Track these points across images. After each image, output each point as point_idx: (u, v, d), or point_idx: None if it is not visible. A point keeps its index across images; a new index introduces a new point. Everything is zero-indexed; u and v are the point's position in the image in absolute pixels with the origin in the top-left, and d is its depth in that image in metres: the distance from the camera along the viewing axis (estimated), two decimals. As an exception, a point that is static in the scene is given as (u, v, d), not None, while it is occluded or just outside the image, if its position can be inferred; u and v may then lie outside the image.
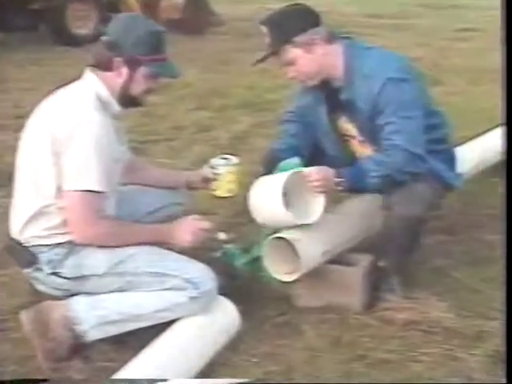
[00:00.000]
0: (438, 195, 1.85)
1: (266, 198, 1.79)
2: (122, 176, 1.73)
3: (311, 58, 1.72)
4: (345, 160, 1.89)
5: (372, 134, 1.81)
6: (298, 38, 1.70)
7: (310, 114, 1.91)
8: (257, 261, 1.86)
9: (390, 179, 1.76)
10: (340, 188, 1.74)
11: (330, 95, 1.82)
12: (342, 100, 1.79)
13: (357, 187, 1.78)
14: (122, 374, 1.47)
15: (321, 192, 1.74)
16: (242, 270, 1.89)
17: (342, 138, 1.94)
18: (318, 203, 1.78)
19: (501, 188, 1.66)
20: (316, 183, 1.72)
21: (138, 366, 1.51)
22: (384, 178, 1.75)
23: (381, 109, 1.72)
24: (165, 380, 1.45)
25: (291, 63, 1.74)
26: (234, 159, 1.88)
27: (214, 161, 1.88)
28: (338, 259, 1.90)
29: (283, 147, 1.91)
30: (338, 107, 1.84)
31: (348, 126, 1.89)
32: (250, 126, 3.59)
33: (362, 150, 1.91)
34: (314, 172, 1.72)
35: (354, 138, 1.92)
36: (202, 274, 1.62)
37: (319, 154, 1.94)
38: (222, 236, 1.78)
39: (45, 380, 1.47)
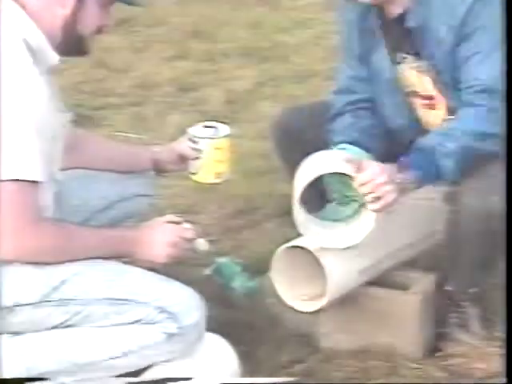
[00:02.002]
0: None
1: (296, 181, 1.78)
2: (62, 158, 1.70)
3: None
4: (415, 135, 1.89)
5: (450, 81, 1.84)
6: None
7: (365, 62, 1.96)
8: (263, 282, 1.87)
9: (468, 154, 1.76)
10: (406, 187, 1.76)
11: (390, 27, 1.87)
12: (407, 31, 1.84)
13: (429, 180, 1.80)
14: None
15: (383, 203, 1.71)
16: (241, 294, 1.88)
17: (406, 99, 1.96)
18: (365, 219, 1.76)
19: (501, 188, 1.71)
20: (376, 192, 1.70)
21: None
22: (462, 153, 1.76)
23: (467, 33, 1.78)
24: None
25: None
26: (224, 128, 1.85)
27: (195, 130, 1.84)
28: (384, 280, 1.90)
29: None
30: (400, 44, 1.88)
31: (412, 75, 1.93)
32: (253, 83, 3.60)
33: (432, 114, 1.93)
34: (367, 175, 1.70)
35: (419, 95, 1.94)
36: (184, 301, 1.61)
37: (379, 130, 1.98)
38: (201, 245, 1.75)
39: (44, 379, 1.52)
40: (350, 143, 1.89)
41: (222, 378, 1.65)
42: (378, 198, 1.70)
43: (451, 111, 1.87)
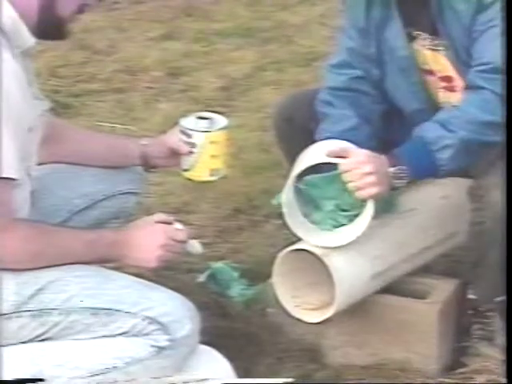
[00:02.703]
0: None
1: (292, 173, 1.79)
2: (38, 151, 1.71)
3: None
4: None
5: (468, 61, 1.84)
6: None
7: (372, 37, 1.96)
8: (264, 289, 1.87)
9: (470, 146, 1.77)
10: (399, 182, 1.77)
11: None
12: (424, 2, 1.84)
13: (424, 174, 1.82)
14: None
15: (365, 194, 1.73)
16: (239, 303, 1.89)
17: (422, 80, 1.96)
18: (363, 213, 1.76)
19: (501, 188, 1.73)
20: (357, 181, 1.72)
21: None
22: (465, 146, 1.77)
23: (486, 3, 1.79)
24: None
25: None
26: (221, 120, 1.86)
27: (187, 122, 1.85)
28: (399, 287, 1.90)
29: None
30: (416, 18, 1.89)
31: (428, 54, 1.93)
32: (253, 67, 3.61)
33: (452, 97, 1.93)
34: (351, 162, 1.73)
35: (436, 76, 1.95)
36: (175, 311, 1.62)
37: (390, 114, 1.98)
38: (195, 248, 1.76)
39: (41, 380, 1.55)
40: (348, 130, 1.90)
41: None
42: (359, 189, 1.72)
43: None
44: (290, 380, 1.66)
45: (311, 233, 1.79)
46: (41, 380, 1.55)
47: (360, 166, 1.71)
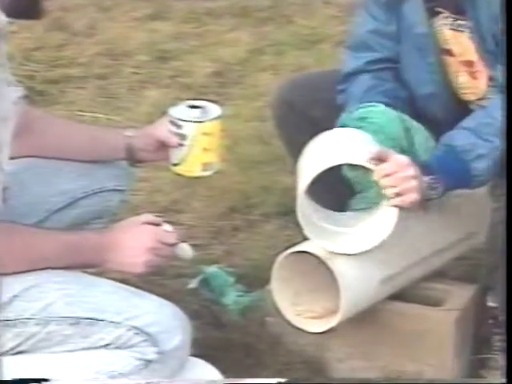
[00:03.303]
0: None
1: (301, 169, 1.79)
2: (12, 143, 1.69)
3: None
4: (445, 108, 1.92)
5: (494, 49, 1.84)
6: None
7: (394, 12, 1.96)
8: (262, 296, 1.88)
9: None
10: (433, 193, 1.77)
11: None
12: None
13: (459, 186, 1.82)
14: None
15: (407, 201, 1.73)
16: (234, 311, 1.89)
17: (440, 61, 1.96)
18: (386, 218, 1.77)
19: (501, 188, 1.72)
20: (399, 186, 1.73)
21: None
22: (497, 154, 1.77)
23: None
24: None
25: None
26: (214, 109, 1.87)
27: (177, 111, 1.86)
28: (411, 294, 1.91)
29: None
30: None
31: (449, 32, 1.93)
32: (249, 50, 3.60)
33: (472, 84, 1.94)
34: (391, 165, 1.72)
35: (456, 59, 1.95)
36: (164, 320, 1.62)
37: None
38: (186, 251, 1.76)
39: (45, 380, 1.53)
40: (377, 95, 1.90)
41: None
42: (400, 195, 1.72)
43: (493, 83, 1.87)
44: (290, 380, 1.66)
45: (329, 238, 1.79)
46: (41, 380, 1.54)
47: (402, 170, 1.72)
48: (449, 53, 1.95)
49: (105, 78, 3.39)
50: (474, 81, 1.94)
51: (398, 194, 1.72)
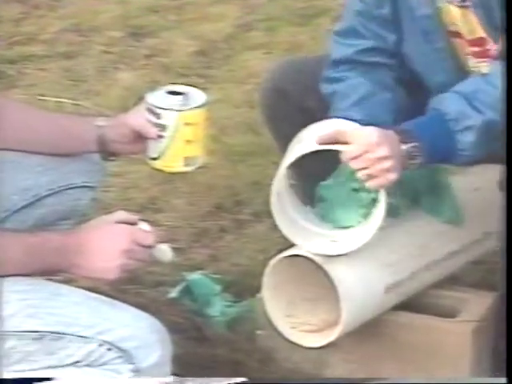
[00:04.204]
0: None
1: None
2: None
3: None
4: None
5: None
6: None
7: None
8: (252, 306, 1.91)
9: (497, 128, 1.77)
10: (412, 162, 1.78)
11: None
12: None
13: (439, 158, 1.83)
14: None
15: (381, 182, 1.75)
16: (221, 323, 1.94)
17: (449, 45, 1.97)
18: (375, 210, 1.79)
19: (501, 188, 1.75)
20: (370, 167, 1.73)
21: None
22: (491, 130, 1.79)
23: None
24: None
25: None
26: (198, 95, 1.87)
27: (155, 97, 1.86)
28: (422, 303, 1.92)
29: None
30: None
31: (455, 9, 1.94)
32: (236, 25, 3.61)
33: (485, 66, 1.94)
34: (359, 146, 1.73)
35: (465, 39, 1.96)
36: (141, 334, 1.62)
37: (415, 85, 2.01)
38: (165, 254, 1.76)
39: (48, 379, 1.58)
40: (361, 100, 1.92)
41: None
42: (373, 177, 1.73)
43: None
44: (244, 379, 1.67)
45: (308, 236, 1.81)
46: (42, 380, 1.57)
47: (372, 149, 1.72)
48: (457, 35, 1.96)
49: (71, 57, 3.38)
50: (486, 60, 1.94)
51: (370, 176, 1.73)
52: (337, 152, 1.74)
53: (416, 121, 1.81)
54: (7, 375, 1.57)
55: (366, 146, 1.73)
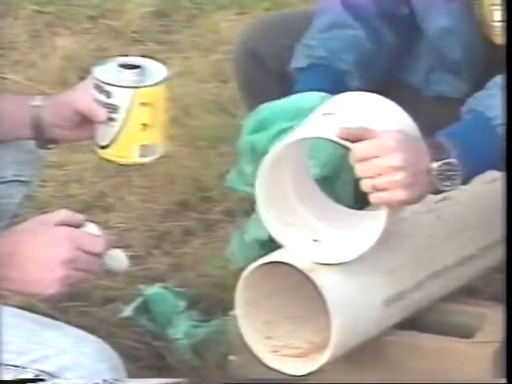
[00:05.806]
0: None
1: None
2: None
3: None
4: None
5: None
6: None
7: None
8: (223, 326, 1.94)
9: None
10: (448, 184, 1.77)
11: None
12: None
13: (492, 166, 1.85)
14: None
15: (386, 199, 1.73)
16: (185, 347, 1.98)
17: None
18: (375, 221, 1.79)
19: (501, 189, 1.77)
20: (376, 178, 1.72)
21: None
22: None
23: None
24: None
25: None
26: (157, 68, 1.90)
27: (105, 71, 1.87)
28: (431, 319, 1.94)
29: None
30: None
31: None
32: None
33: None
34: (369, 147, 1.71)
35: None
36: (87, 361, 1.64)
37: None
38: (117, 262, 1.75)
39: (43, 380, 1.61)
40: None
41: None
42: (378, 190, 1.70)
43: None
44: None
45: (294, 238, 1.84)
46: (41, 380, 1.61)
47: (384, 154, 1.69)
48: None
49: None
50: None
51: (376, 188, 1.71)
52: None
53: (454, 127, 1.80)
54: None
55: (377, 148, 1.70)
